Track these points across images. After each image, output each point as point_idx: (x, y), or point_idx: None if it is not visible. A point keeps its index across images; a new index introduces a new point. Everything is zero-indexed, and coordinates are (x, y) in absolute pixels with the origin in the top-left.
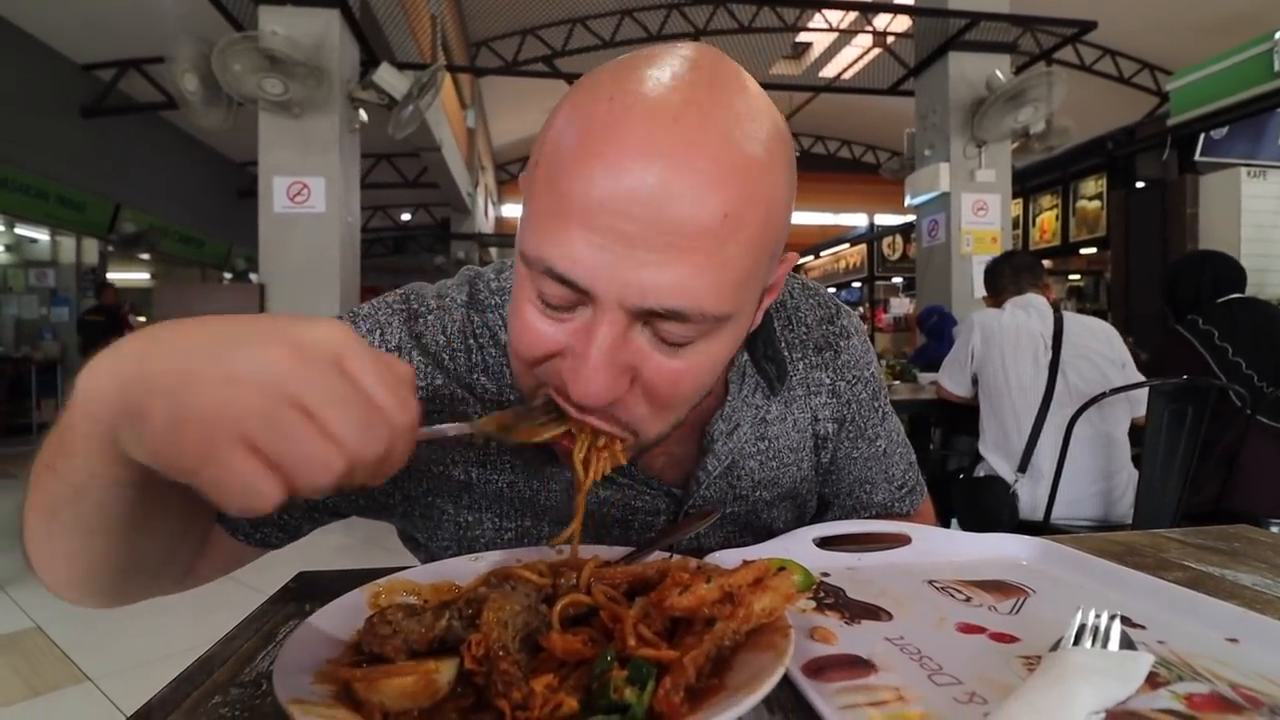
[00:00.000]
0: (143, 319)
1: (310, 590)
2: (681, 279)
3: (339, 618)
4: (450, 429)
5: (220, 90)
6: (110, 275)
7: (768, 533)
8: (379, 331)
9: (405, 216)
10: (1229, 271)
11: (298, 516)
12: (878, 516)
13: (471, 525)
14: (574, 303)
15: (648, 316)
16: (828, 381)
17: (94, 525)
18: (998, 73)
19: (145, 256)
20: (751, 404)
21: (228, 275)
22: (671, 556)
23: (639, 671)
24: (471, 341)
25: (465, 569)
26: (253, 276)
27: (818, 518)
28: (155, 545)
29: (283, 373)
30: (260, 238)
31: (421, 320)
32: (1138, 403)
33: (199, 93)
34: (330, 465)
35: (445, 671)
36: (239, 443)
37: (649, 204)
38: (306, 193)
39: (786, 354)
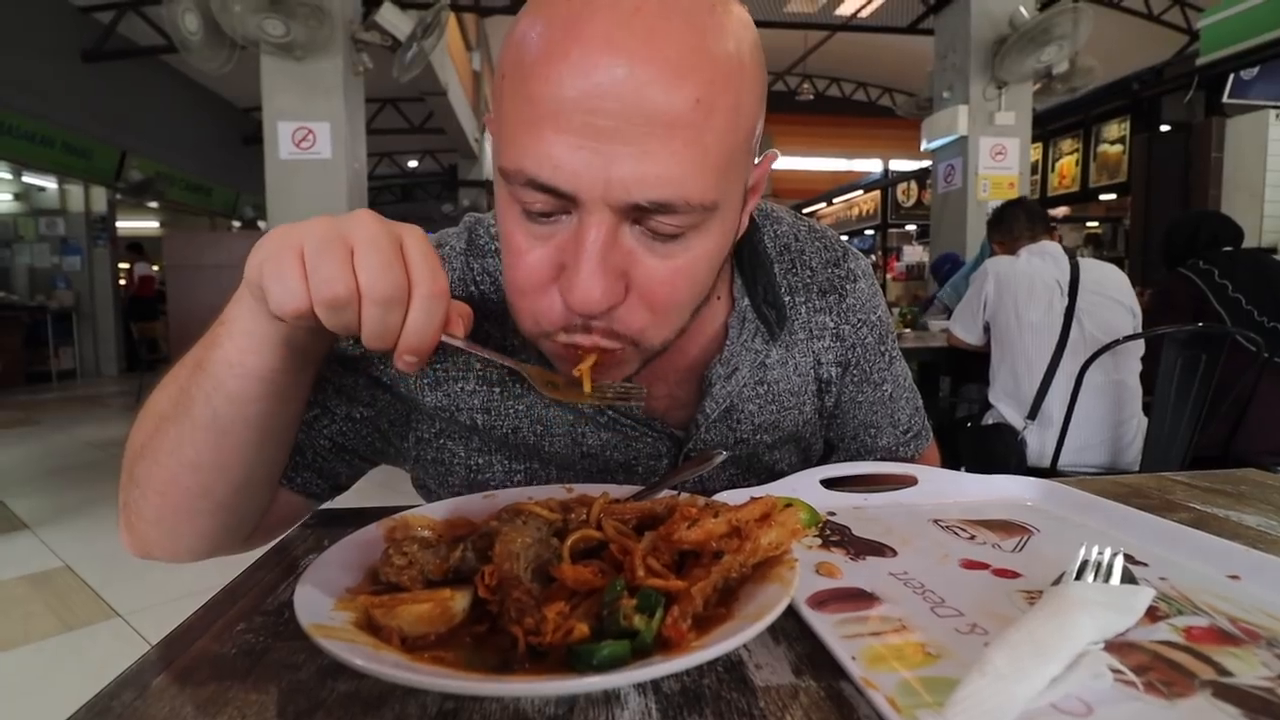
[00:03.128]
0: (156, 268)
1: (328, 526)
2: (664, 169)
3: (356, 550)
4: (496, 355)
5: (221, 32)
6: (120, 224)
7: (770, 474)
8: None
9: (412, 163)
10: (1225, 231)
11: (330, 458)
12: (882, 460)
13: (482, 468)
14: (558, 209)
15: (635, 213)
16: (831, 325)
17: (225, 424)
18: (1021, 9)
19: (153, 204)
20: (751, 348)
21: (236, 223)
22: (679, 495)
23: (648, 600)
24: (473, 289)
25: (479, 506)
26: (261, 224)
27: (823, 461)
28: (260, 462)
29: (355, 224)
30: (267, 185)
31: None
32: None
33: (199, 34)
34: (339, 284)
35: (460, 599)
36: (295, 251)
37: (620, 97)
38: (312, 138)
39: (789, 298)
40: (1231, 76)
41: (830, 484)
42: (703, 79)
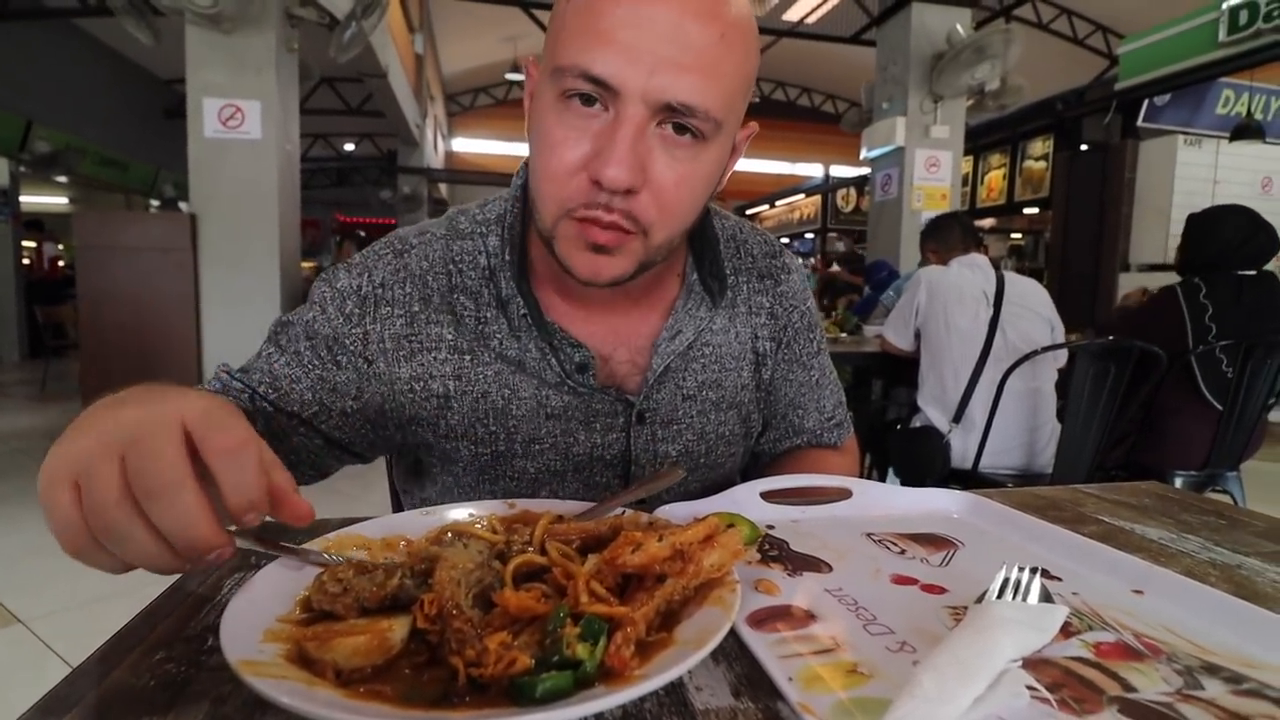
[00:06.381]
0: (61, 246)
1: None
2: (693, 80)
3: (288, 574)
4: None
5: None
6: (24, 199)
7: (716, 439)
8: (367, 274)
9: (349, 146)
10: (1268, 250)
11: (323, 456)
12: (808, 444)
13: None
14: (598, 98)
15: (663, 113)
16: (767, 305)
17: None
18: (958, 27)
19: (62, 179)
20: (696, 316)
21: (155, 202)
22: (624, 512)
23: (591, 628)
24: (451, 267)
25: (416, 523)
26: (183, 205)
27: (759, 439)
28: None
29: (123, 432)
30: (190, 164)
31: (408, 254)
32: (1063, 355)
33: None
34: (117, 520)
35: (399, 630)
36: (68, 480)
37: (664, 23)
38: (240, 117)
39: (733, 277)
40: (1146, 102)
41: (770, 496)
42: (726, 22)
